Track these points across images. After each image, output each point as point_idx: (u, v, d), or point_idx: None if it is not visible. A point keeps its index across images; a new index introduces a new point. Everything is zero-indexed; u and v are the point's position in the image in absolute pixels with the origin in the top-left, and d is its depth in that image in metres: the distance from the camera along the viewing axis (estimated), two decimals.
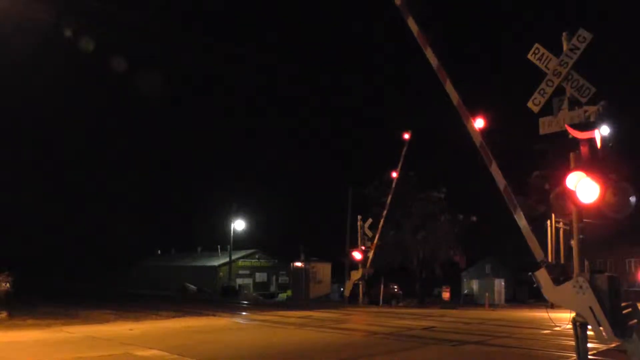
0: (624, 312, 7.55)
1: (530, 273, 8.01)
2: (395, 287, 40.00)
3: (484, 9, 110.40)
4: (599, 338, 7.31)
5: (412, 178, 40.43)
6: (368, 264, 35.11)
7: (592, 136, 7.65)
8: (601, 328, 7.17)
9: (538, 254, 8.10)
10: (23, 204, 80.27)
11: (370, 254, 35.74)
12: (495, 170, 9.12)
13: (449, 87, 10.09)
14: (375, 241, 35.91)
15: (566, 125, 7.97)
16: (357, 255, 36.64)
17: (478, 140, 9.76)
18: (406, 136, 35.38)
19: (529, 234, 8.35)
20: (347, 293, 37.04)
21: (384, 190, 41.15)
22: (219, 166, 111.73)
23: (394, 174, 36.45)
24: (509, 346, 14.12)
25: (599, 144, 7.59)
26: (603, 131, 7.66)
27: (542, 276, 7.85)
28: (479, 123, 10.10)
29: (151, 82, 53.57)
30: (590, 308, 7.27)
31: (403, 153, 35.96)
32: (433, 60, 10.81)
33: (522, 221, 8.60)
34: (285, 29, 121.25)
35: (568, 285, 7.56)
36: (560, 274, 7.87)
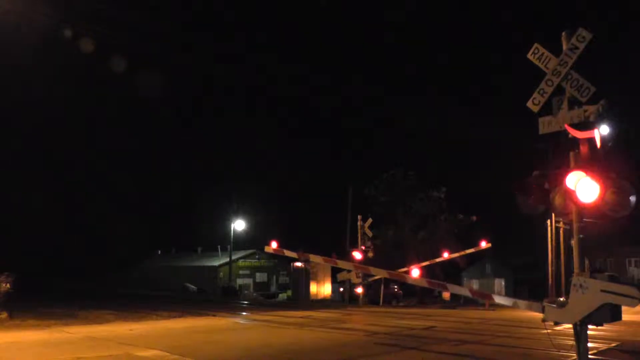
0: None
1: (544, 321, 7.96)
2: (396, 287, 39.96)
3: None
4: (632, 304, 7.15)
5: (412, 178, 40.48)
6: (370, 280, 34.38)
7: (592, 136, 7.62)
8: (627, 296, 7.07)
9: (536, 308, 8.14)
10: (23, 204, 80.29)
11: (372, 279, 34.54)
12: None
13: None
14: (383, 273, 34.41)
15: (566, 125, 7.97)
16: (357, 256, 36.18)
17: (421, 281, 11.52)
18: (483, 244, 34.26)
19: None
20: (339, 278, 36.84)
21: (383, 190, 41.16)
22: (219, 166, 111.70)
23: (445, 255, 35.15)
24: (509, 346, 14.13)
25: (598, 143, 7.56)
26: (603, 130, 7.63)
27: (551, 313, 7.78)
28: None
29: (151, 82, 53.55)
30: (603, 290, 7.18)
31: (470, 251, 35.58)
32: (318, 260, 13.56)
33: None
34: (285, 27, 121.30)
35: (570, 296, 7.50)
36: (561, 299, 7.84)
